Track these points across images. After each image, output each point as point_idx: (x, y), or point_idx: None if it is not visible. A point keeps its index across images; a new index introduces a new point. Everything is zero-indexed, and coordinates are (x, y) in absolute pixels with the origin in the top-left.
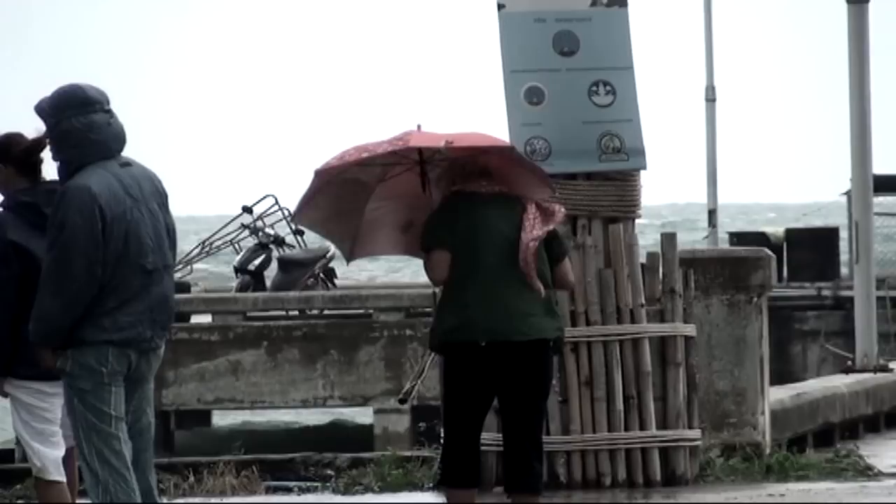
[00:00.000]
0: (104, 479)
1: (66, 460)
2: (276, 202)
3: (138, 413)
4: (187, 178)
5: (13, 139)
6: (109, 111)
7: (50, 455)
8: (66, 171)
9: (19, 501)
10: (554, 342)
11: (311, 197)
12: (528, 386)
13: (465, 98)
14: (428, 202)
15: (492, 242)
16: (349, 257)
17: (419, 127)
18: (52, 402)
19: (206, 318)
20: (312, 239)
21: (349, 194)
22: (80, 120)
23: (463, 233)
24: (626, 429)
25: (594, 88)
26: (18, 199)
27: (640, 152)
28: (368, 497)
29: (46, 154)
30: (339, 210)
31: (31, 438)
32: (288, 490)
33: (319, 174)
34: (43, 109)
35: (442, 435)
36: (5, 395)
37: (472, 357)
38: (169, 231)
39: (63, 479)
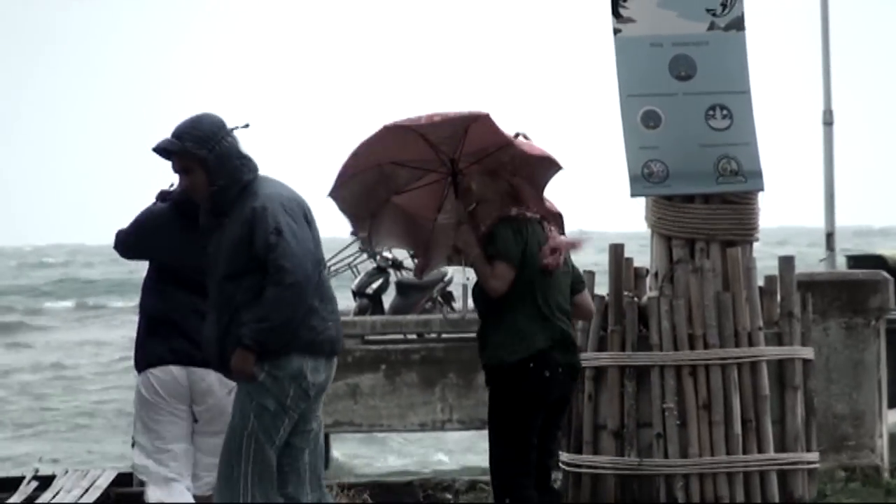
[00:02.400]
0: (252, 496)
1: None
2: None
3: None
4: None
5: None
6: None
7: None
8: (227, 196)
9: None
10: None
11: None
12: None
13: (579, 122)
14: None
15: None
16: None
17: None
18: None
19: None
20: None
21: (372, 190)
22: (228, 140)
23: (531, 253)
24: (745, 452)
25: (711, 112)
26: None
27: (758, 175)
28: None
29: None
30: (366, 197)
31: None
32: None
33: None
34: (189, 148)
35: (505, 461)
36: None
37: (554, 378)
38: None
39: None
